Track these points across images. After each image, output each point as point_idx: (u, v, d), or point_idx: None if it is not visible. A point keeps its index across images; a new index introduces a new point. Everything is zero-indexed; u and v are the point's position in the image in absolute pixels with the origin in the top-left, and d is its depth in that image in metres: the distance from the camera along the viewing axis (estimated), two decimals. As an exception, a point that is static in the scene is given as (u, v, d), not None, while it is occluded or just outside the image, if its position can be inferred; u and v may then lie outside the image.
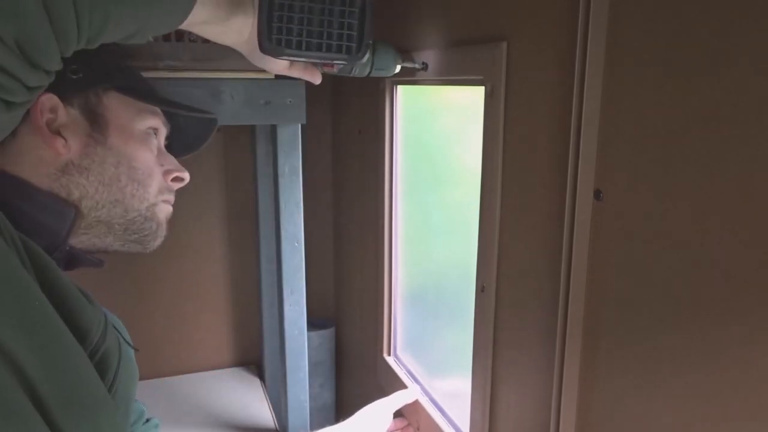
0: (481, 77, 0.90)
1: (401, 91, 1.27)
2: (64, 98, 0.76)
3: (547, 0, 0.77)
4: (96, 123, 0.78)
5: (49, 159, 0.74)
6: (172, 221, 0.86)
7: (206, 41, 1.10)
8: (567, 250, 0.74)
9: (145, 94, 0.85)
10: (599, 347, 0.71)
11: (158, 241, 0.84)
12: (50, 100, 0.74)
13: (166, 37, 1.09)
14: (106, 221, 0.78)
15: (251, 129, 1.59)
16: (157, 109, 0.86)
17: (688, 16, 0.57)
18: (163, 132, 0.88)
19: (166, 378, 1.67)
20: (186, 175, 0.87)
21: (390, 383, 1.35)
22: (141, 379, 0.84)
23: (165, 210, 0.85)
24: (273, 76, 1.17)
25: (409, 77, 1.18)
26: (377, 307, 1.40)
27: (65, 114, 0.76)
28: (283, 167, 1.21)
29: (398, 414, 1.24)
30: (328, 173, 1.76)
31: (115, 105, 0.80)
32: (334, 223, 1.79)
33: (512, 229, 0.88)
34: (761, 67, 0.50)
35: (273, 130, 1.21)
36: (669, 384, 0.62)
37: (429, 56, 1.06)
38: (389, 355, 1.38)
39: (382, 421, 1.16)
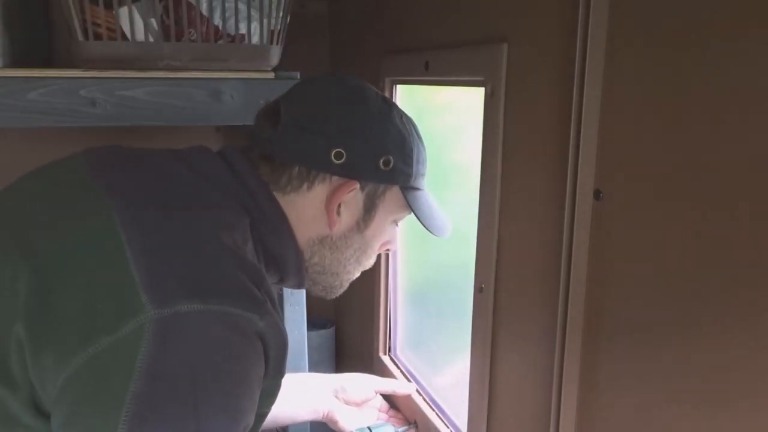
0: (482, 78, 0.90)
1: (401, 90, 1.27)
2: (361, 183, 0.80)
3: (547, 1, 0.77)
4: (368, 212, 0.82)
5: (316, 226, 0.80)
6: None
7: (206, 40, 1.11)
8: (567, 250, 0.74)
9: (419, 203, 0.87)
10: (599, 347, 0.71)
11: (332, 298, 0.90)
12: (354, 185, 0.79)
13: (166, 37, 1.09)
14: (317, 281, 0.86)
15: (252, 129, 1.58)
16: None
17: (688, 16, 0.57)
18: None
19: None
20: (395, 248, 0.93)
21: (387, 383, 1.35)
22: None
23: (357, 276, 0.90)
24: (273, 76, 1.17)
25: (409, 77, 1.19)
26: (375, 306, 1.40)
27: (353, 197, 0.80)
28: (283, 167, 1.21)
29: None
30: (328, 173, 1.75)
31: (391, 200, 0.84)
32: (334, 223, 1.79)
33: (511, 228, 0.88)
34: (763, 67, 0.50)
35: (273, 130, 1.21)
36: (669, 383, 0.62)
37: (429, 56, 1.06)
38: (385, 354, 1.38)
39: (362, 392, 1.16)
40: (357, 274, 0.89)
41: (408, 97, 1.26)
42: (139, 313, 0.58)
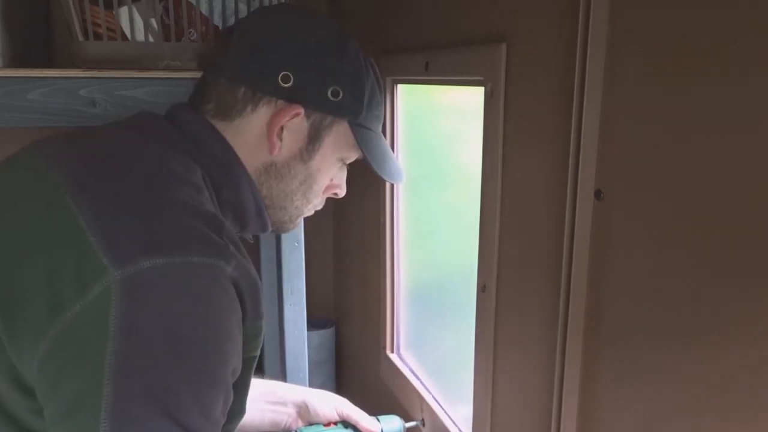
0: (481, 78, 0.90)
1: (401, 90, 1.27)
2: (306, 110, 0.80)
3: (546, 0, 0.77)
4: (312, 142, 0.81)
5: (260, 152, 0.80)
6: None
7: (206, 41, 1.11)
8: (567, 250, 0.74)
9: (369, 144, 0.86)
10: (600, 346, 0.71)
11: (284, 233, 0.90)
12: (298, 110, 0.79)
13: (166, 37, 1.09)
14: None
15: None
16: None
17: (689, 15, 0.57)
18: None
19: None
20: (343, 193, 0.92)
21: (394, 380, 1.35)
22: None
23: (308, 215, 0.90)
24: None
25: (409, 77, 1.19)
26: (380, 305, 1.40)
27: (297, 123, 0.80)
28: (284, 167, 1.21)
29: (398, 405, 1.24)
30: (328, 173, 1.75)
31: (338, 135, 0.83)
32: (334, 223, 1.79)
33: (512, 228, 0.88)
34: (763, 68, 0.50)
35: (273, 130, 1.21)
36: (670, 383, 0.62)
37: (429, 56, 1.06)
38: (393, 352, 1.39)
39: (325, 412, 1.08)
40: (306, 212, 0.89)
41: (408, 97, 1.26)
42: (103, 275, 0.58)
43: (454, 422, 1.12)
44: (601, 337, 0.71)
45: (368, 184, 1.45)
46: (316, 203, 0.89)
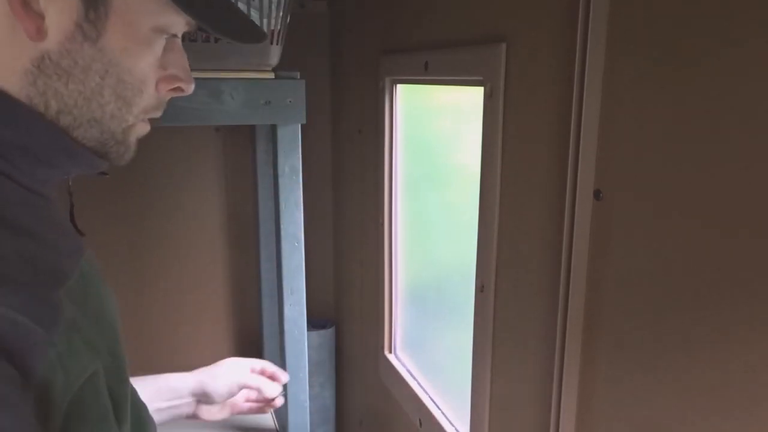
0: (480, 78, 0.90)
1: (401, 90, 1.27)
2: None
3: (546, 0, 0.77)
4: (93, 9, 0.54)
5: (21, 47, 0.53)
6: (171, 222, 0.85)
7: (206, 41, 1.11)
8: (567, 250, 0.74)
9: None
10: (599, 346, 0.71)
11: (121, 164, 0.64)
12: None
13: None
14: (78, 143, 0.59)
15: (251, 129, 1.59)
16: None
17: (688, 16, 0.57)
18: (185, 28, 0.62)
19: (166, 378, 1.67)
20: (190, 87, 0.64)
21: (392, 380, 1.35)
22: (141, 379, 0.83)
23: (141, 130, 0.63)
24: (273, 76, 1.17)
25: (408, 77, 1.19)
26: (378, 306, 1.40)
27: None
28: (283, 167, 1.21)
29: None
30: (328, 173, 1.76)
31: None
32: (334, 223, 1.79)
33: (512, 228, 0.88)
34: (762, 68, 0.50)
35: (273, 130, 1.21)
36: (670, 384, 0.62)
37: (428, 56, 1.06)
38: (391, 352, 1.39)
39: (225, 390, 1.03)
40: (133, 120, 0.61)
41: (408, 97, 1.26)
42: None
43: (451, 423, 1.12)
44: (600, 337, 0.71)
45: (367, 184, 1.45)
46: (145, 105, 0.61)
